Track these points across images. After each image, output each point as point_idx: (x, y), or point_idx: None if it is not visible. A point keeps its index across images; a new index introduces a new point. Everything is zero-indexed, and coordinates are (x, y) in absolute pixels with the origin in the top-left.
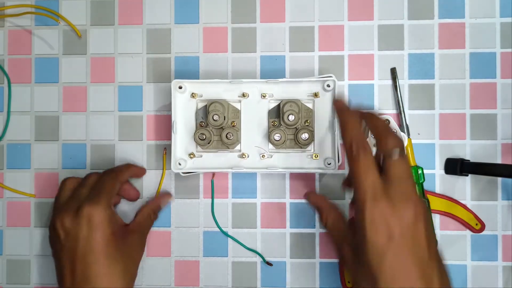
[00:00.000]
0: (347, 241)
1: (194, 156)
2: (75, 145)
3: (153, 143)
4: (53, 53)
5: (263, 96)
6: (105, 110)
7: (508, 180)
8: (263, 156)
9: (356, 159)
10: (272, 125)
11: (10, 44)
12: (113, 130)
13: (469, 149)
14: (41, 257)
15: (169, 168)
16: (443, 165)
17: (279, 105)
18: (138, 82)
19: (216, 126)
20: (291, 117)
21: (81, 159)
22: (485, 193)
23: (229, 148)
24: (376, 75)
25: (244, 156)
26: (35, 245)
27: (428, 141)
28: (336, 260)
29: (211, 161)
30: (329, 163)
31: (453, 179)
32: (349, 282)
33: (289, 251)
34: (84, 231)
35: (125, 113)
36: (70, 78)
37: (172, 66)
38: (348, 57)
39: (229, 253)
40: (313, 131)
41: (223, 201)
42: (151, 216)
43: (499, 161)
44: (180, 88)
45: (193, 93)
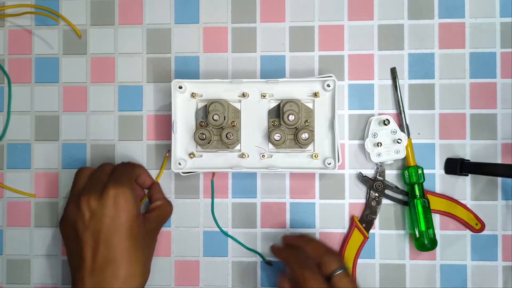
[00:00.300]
0: None
1: (194, 156)
2: (75, 145)
3: (153, 143)
4: (53, 53)
5: (263, 96)
6: (105, 110)
7: (508, 180)
8: (263, 156)
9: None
10: (272, 125)
11: (10, 44)
12: (113, 130)
13: (469, 149)
14: (41, 257)
15: (169, 168)
16: (443, 165)
17: (279, 105)
18: (138, 82)
19: (216, 126)
20: (291, 117)
21: (81, 159)
22: (485, 193)
23: (229, 148)
24: (376, 75)
25: (244, 156)
26: (35, 245)
27: (428, 141)
28: None
29: (211, 161)
30: (329, 163)
31: (453, 179)
32: None
33: None
34: (110, 210)
35: (125, 113)
36: (70, 78)
37: (172, 66)
38: (348, 57)
39: (229, 253)
40: (313, 131)
41: (223, 201)
42: (167, 208)
43: (499, 161)
44: (180, 88)
45: (193, 93)
